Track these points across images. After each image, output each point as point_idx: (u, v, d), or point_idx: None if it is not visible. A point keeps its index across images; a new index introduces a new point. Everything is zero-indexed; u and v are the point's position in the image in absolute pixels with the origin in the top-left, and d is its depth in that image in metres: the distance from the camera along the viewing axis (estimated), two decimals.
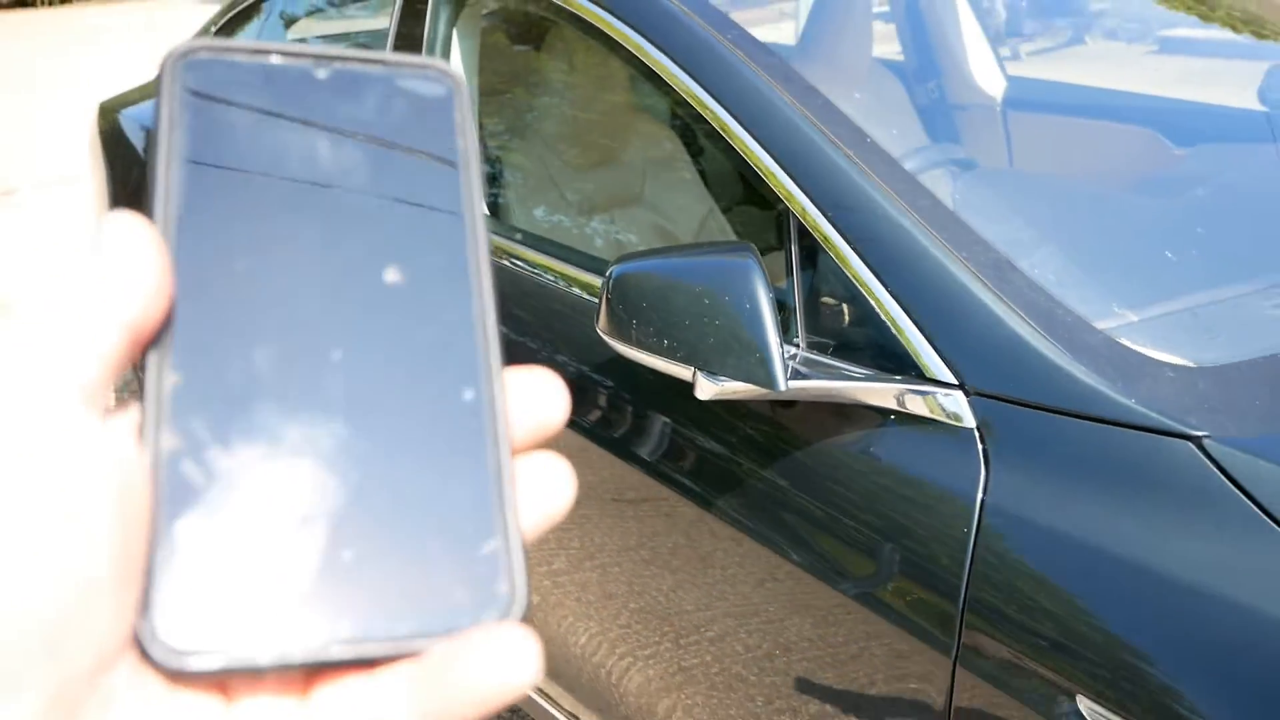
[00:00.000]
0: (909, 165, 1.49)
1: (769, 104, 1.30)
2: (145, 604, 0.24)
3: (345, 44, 2.42)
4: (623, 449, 1.41)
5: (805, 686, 1.25)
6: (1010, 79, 2.41)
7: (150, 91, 2.89)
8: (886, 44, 2.44)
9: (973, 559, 1.04)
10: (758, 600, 1.26)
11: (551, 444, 0.29)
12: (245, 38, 2.62)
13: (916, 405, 1.11)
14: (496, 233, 1.73)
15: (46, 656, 0.22)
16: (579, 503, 1.06)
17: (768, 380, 1.10)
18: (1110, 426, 1.01)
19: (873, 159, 1.23)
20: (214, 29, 2.73)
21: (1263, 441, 0.97)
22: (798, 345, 1.23)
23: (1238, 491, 0.94)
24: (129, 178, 2.75)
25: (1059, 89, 2.50)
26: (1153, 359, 1.07)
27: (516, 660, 0.25)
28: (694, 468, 1.33)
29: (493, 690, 0.25)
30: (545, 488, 0.29)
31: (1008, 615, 1.01)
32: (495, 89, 2.04)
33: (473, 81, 1.91)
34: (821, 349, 1.24)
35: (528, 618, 0.27)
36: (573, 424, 1.41)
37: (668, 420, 1.36)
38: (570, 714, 1.74)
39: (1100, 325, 1.11)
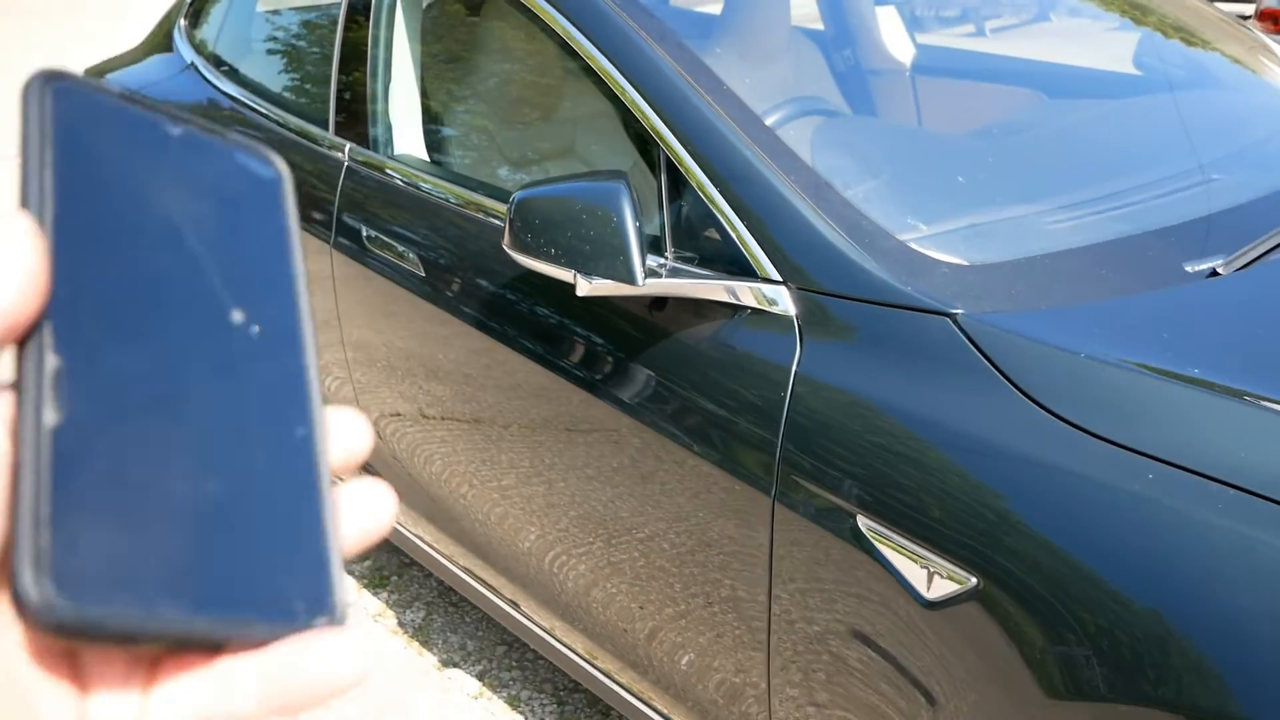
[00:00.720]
0: (781, 113, 1.76)
1: (646, 58, 1.56)
2: (20, 567, 0.25)
3: (305, 21, 2.64)
4: (567, 371, 1.67)
5: (670, 542, 1.51)
6: (919, 47, 2.67)
7: (128, 60, 3.12)
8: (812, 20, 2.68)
9: (786, 416, 1.31)
10: (661, 495, 1.53)
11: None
12: (215, 13, 2.84)
13: (748, 298, 1.37)
14: (435, 175, 1.98)
15: None
16: (531, 429, 1.36)
17: (629, 277, 1.36)
18: (893, 309, 1.28)
19: (727, 103, 1.49)
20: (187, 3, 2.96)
21: (1004, 318, 1.24)
22: (667, 257, 1.49)
23: (978, 353, 1.21)
24: None
25: (961, 56, 2.75)
26: (933, 259, 1.33)
27: (350, 659, 0.29)
28: (593, 365, 1.59)
29: (331, 684, 0.29)
30: (367, 510, 0.33)
31: (808, 459, 1.28)
32: (437, 52, 2.29)
33: (415, 45, 2.16)
34: (688, 260, 1.50)
35: (344, 621, 0.30)
36: (530, 354, 1.68)
37: (580, 330, 1.62)
38: (512, 601, 2.00)
39: (900, 235, 1.37)
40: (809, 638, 1.34)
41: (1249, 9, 5.60)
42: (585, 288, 1.41)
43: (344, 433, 0.34)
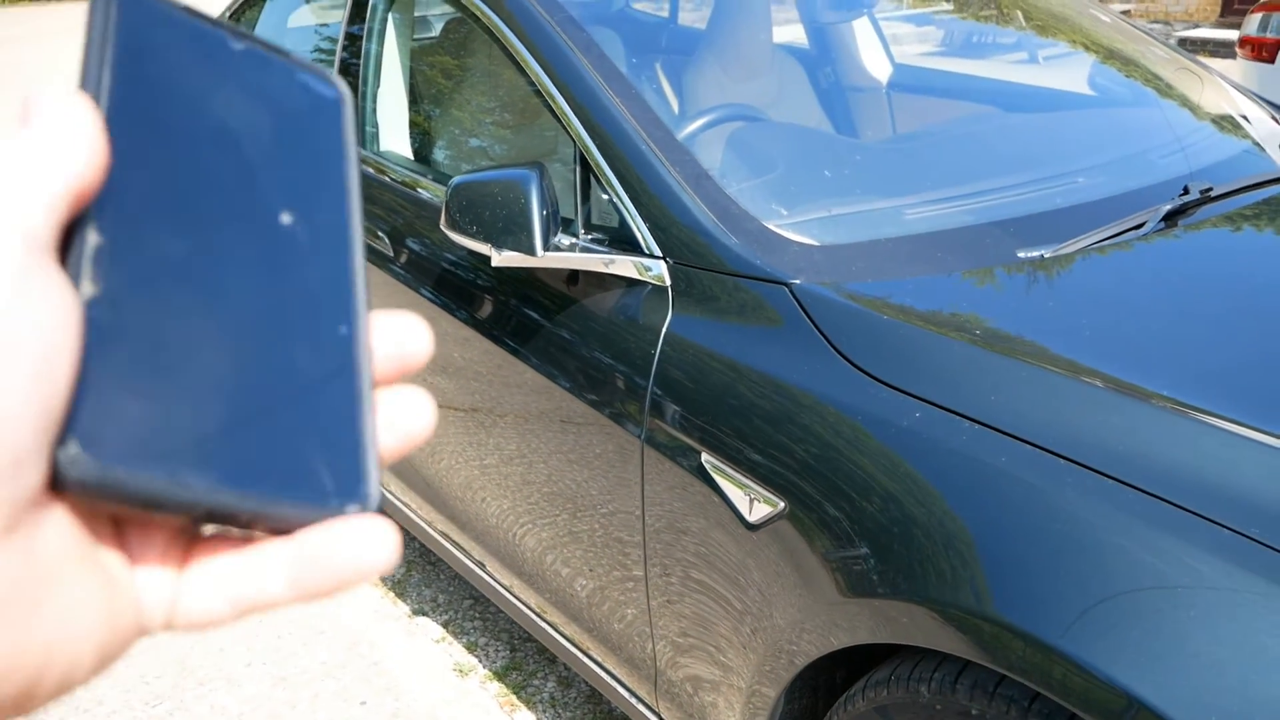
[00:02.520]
0: (709, 117, 1.99)
1: (571, 66, 1.80)
2: (62, 434, 0.25)
3: (321, 37, 2.93)
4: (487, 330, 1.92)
5: (561, 487, 1.74)
6: (897, 66, 2.87)
7: None
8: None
9: (654, 370, 1.53)
10: (576, 445, 1.76)
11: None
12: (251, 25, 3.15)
13: (628, 269, 1.61)
14: (410, 169, 2.24)
15: (8, 479, 0.24)
16: (525, 418, 1.58)
17: (530, 249, 1.60)
18: (745, 279, 1.50)
19: (632, 105, 1.73)
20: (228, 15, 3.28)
21: (834, 287, 1.45)
22: (579, 236, 1.73)
23: (805, 316, 1.42)
24: None
25: (933, 75, 2.94)
26: (788, 239, 1.55)
27: (380, 545, 0.29)
28: (523, 334, 1.83)
29: (359, 567, 0.29)
30: (408, 414, 0.33)
31: (670, 405, 1.50)
32: (421, 63, 2.56)
33: (404, 56, 2.43)
34: (599, 241, 1.73)
35: (375, 509, 0.30)
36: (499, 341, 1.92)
37: (516, 304, 1.86)
38: (479, 562, 2.24)
39: (764, 220, 1.59)
40: (670, 564, 1.56)
41: (1234, 35, 5.69)
42: (497, 259, 1.65)
43: (401, 336, 0.34)
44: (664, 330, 1.55)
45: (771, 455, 1.37)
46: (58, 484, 0.26)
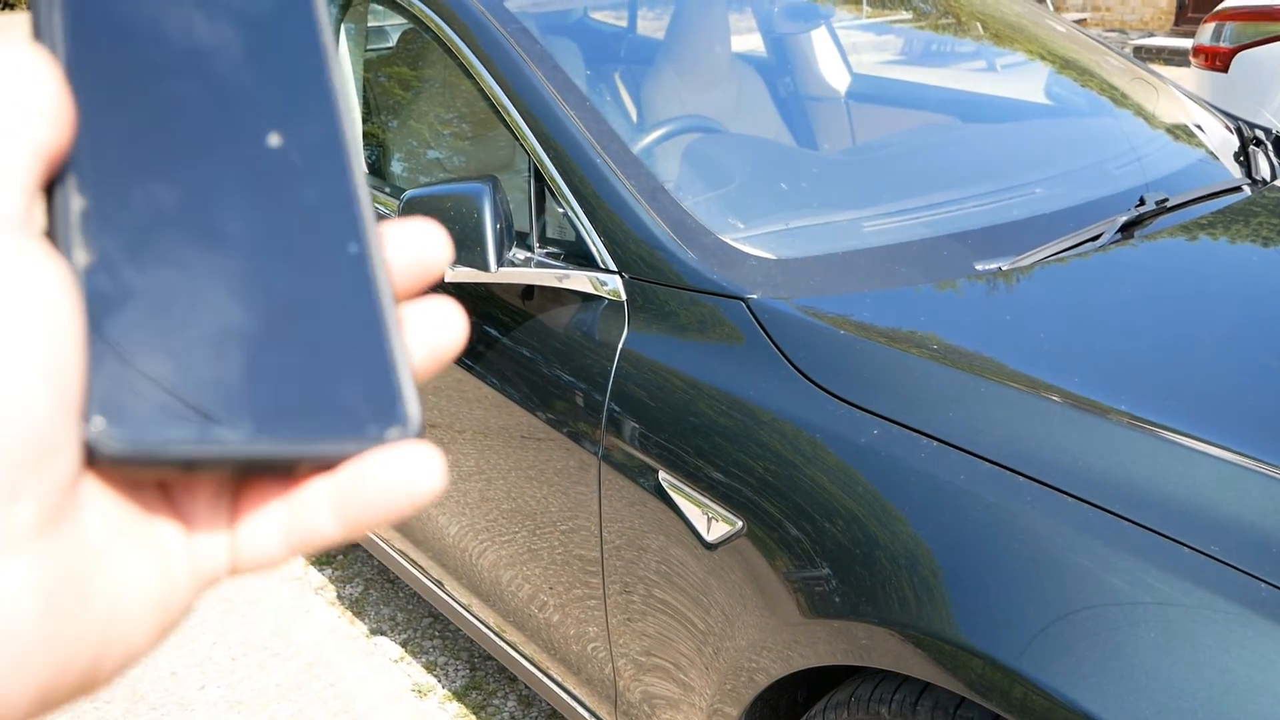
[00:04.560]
0: (665, 129, 1.97)
1: (524, 79, 1.77)
2: (85, 412, 0.25)
3: None
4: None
5: (530, 503, 1.71)
6: (855, 76, 2.87)
7: None
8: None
9: (611, 386, 1.51)
10: (535, 465, 1.73)
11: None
12: None
13: (583, 284, 1.58)
14: (372, 187, 2.20)
15: (37, 467, 0.23)
16: (483, 434, 1.55)
17: (484, 264, 1.57)
18: (702, 294, 1.48)
19: (586, 118, 1.70)
20: None
21: (792, 302, 1.43)
22: (534, 251, 1.70)
23: (761, 331, 1.40)
24: None
25: (892, 84, 2.95)
26: (745, 253, 1.53)
27: (425, 469, 0.28)
28: (481, 352, 1.80)
29: (405, 495, 0.28)
30: (437, 326, 0.31)
31: (627, 422, 1.48)
32: (383, 76, 2.52)
33: (358, 69, 2.40)
34: (554, 255, 1.70)
35: (420, 431, 0.29)
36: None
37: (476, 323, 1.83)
38: (437, 580, 2.20)
39: (721, 234, 1.57)
40: (629, 582, 1.54)
41: (1188, 43, 5.78)
42: (449, 274, 1.62)
43: (417, 243, 0.32)
44: (620, 346, 1.52)
45: (729, 473, 1.35)
46: (91, 461, 0.25)
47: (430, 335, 0.32)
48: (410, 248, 0.32)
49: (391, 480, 0.28)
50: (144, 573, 0.27)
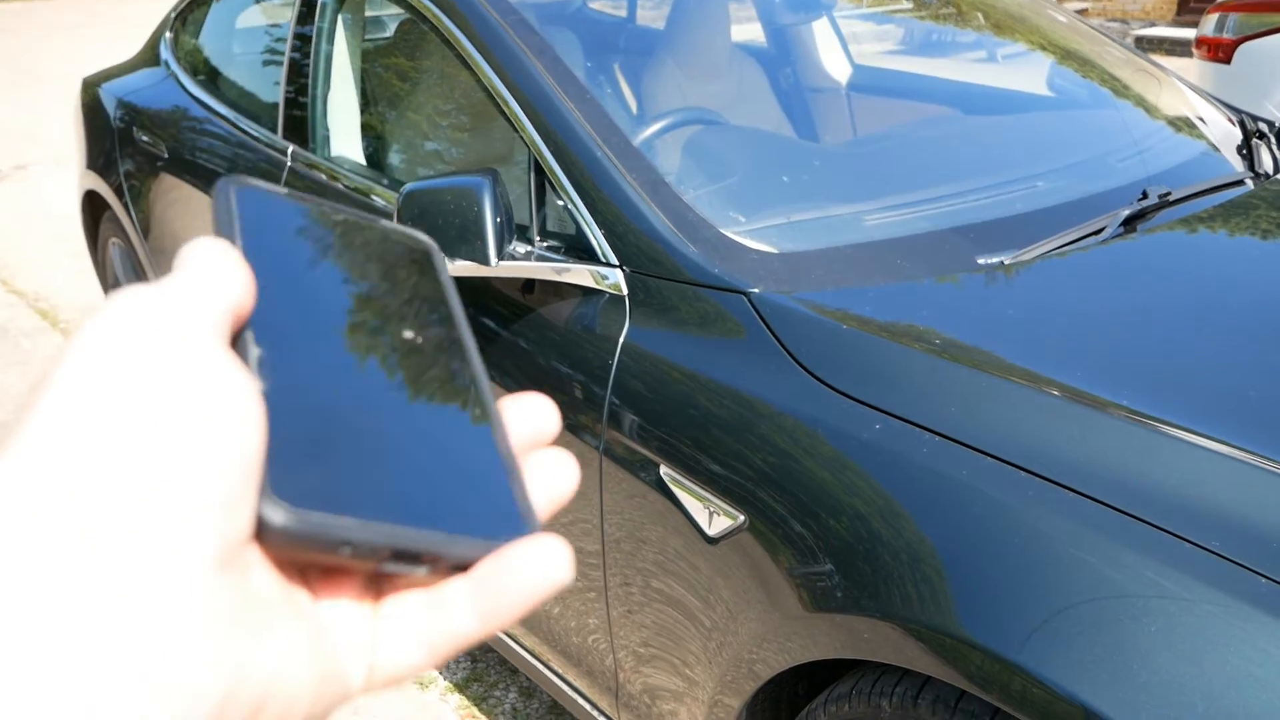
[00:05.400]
0: (666, 121, 1.96)
1: (524, 71, 1.77)
2: (263, 492, 0.28)
3: (271, 38, 2.88)
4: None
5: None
6: (856, 67, 2.86)
7: (125, 69, 3.38)
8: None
9: (612, 379, 1.51)
10: None
11: None
12: (198, 27, 3.09)
13: (584, 278, 1.58)
14: (360, 174, 2.20)
15: (224, 510, 0.27)
16: None
17: (484, 258, 1.57)
18: (703, 288, 1.48)
19: (587, 110, 1.70)
20: (174, 14, 3.22)
21: (794, 296, 1.43)
22: (534, 244, 1.70)
23: (763, 325, 1.40)
24: (104, 142, 3.24)
25: (893, 76, 2.94)
26: (747, 247, 1.53)
27: (557, 560, 0.31)
28: (477, 342, 1.79)
29: (542, 586, 0.31)
30: (554, 473, 0.36)
31: (628, 416, 1.48)
32: (371, 67, 2.51)
33: (355, 60, 2.39)
34: (555, 249, 1.70)
35: (538, 530, 0.33)
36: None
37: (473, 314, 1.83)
38: None
39: (722, 228, 1.57)
40: (630, 575, 1.54)
41: (1190, 33, 5.76)
42: (450, 268, 1.62)
43: (532, 415, 0.37)
44: (621, 340, 1.52)
45: (730, 467, 1.35)
46: (261, 534, 0.28)
47: (548, 480, 0.36)
48: (527, 419, 0.37)
49: (527, 572, 0.31)
50: (305, 647, 0.29)
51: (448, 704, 2.25)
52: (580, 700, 1.83)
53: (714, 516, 1.37)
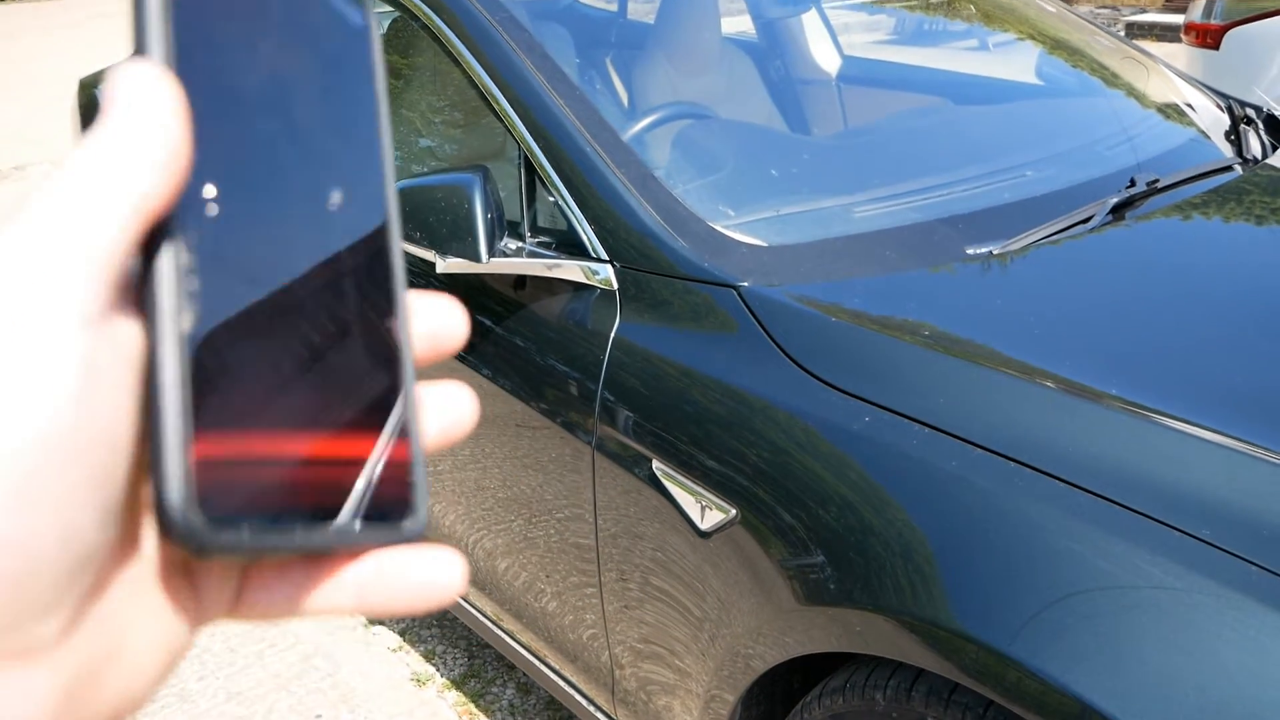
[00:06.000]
0: (656, 116, 1.96)
1: (513, 67, 1.77)
2: (159, 482, 0.25)
3: None
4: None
5: (527, 491, 1.71)
6: (846, 58, 2.86)
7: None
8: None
9: (604, 375, 1.51)
10: (530, 453, 1.73)
11: None
12: None
13: (575, 274, 1.58)
14: None
15: (70, 582, 0.23)
16: (479, 423, 1.53)
17: (475, 255, 1.57)
18: (693, 282, 1.48)
19: (576, 106, 1.70)
20: None
21: (783, 290, 1.43)
22: (524, 240, 1.69)
23: (753, 319, 1.40)
24: None
25: (882, 66, 2.93)
26: (736, 240, 1.53)
27: (450, 573, 0.30)
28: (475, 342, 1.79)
29: (430, 594, 0.30)
30: (450, 408, 0.33)
31: (620, 411, 1.48)
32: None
33: None
34: (545, 245, 1.70)
35: (424, 520, 0.30)
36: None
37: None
38: None
39: (711, 222, 1.57)
40: (625, 570, 1.54)
41: (1180, 19, 5.77)
42: (442, 265, 1.62)
43: (437, 317, 0.33)
44: (612, 335, 1.52)
45: (722, 461, 1.35)
46: (163, 535, 0.25)
47: (443, 416, 0.33)
48: (430, 320, 0.33)
49: (417, 580, 0.30)
50: (156, 644, 0.27)
51: (445, 700, 2.25)
52: (577, 696, 1.83)
53: (706, 511, 1.37)
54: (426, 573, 0.30)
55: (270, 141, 0.28)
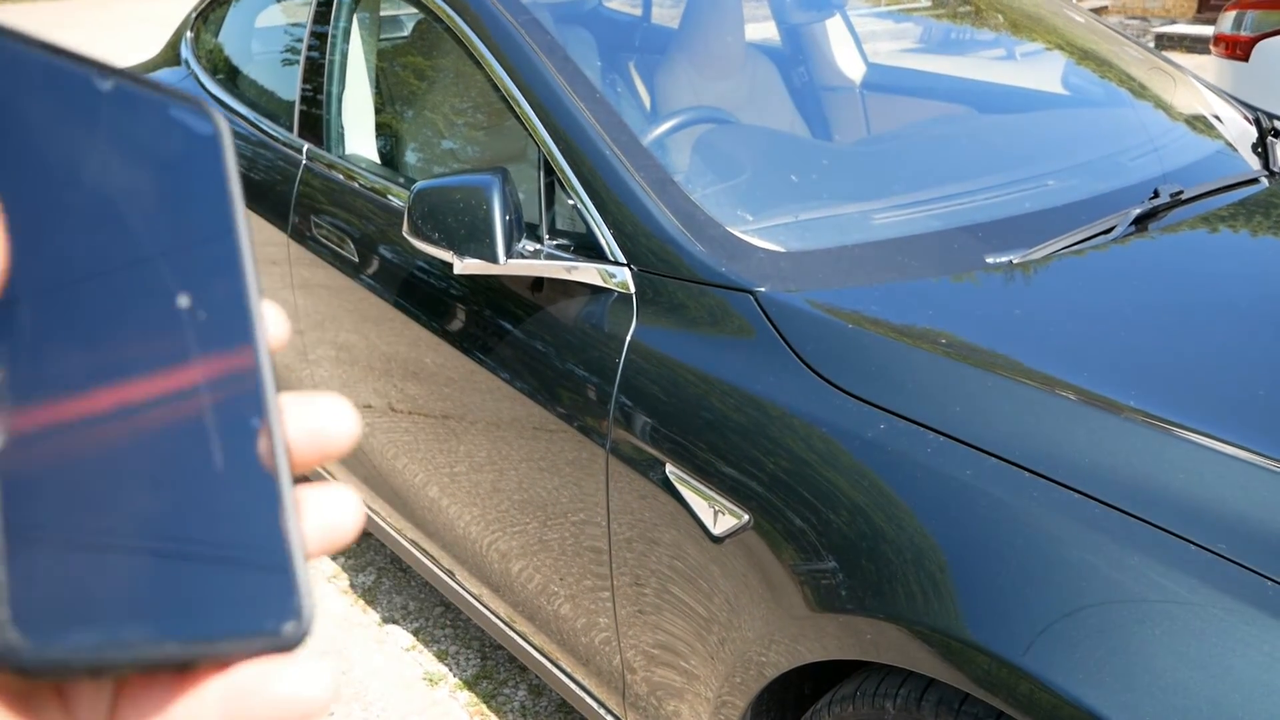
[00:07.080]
0: (676, 120, 1.96)
1: (534, 69, 1.77)
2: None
3: (290, 37, 2.89)
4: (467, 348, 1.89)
5: (539, 495, 1.71)
6: (870, 66, 2.85)
7: (146, 69, 3.40)
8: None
9: (619, 378, 1.51)
10: (545, 455, 1.73)
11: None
12: (218, 26, 3.11)
13: (592, 276, 1.58)
14: (374, 173, 2.21)
15: None
16: (495, 425, 1.54)
17: (493, 257, 1.57)
18: (710, 286, 1.47)
19: (596, 109, 1.70)
20: (194, 14, 3.23)
21: (800, 295, 1.42)
22: (542, 242, 1.70)
23: (769, 324, 1.40)
24: None
25: (907, 74, 2.92)
26: (754, 246, 1.53)
27: (316, 685, 0.28)
28: (487, 343, 1.80)
29: (294, 710, 0.28)
30: (333, 512, 0.32)
31: (634, 415, 1.48)
32: (386, 66, 2.52)
33: (370, 58, 2.40)
34: (564, 247, 1.70)
35: (311, 624, 0.29)
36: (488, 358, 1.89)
37: (484, 312, 1.83)
38: (448, 570, 2.21)
39: (730, 227, 1.56)
40: (639, 575, 1.54)
41: (1210, 30, 5.72)
42: (459, 266, 1.62)
43: (321, 419, 0.32)
44: (628, 339, 1.52)
45: (736, 467, 1.35)
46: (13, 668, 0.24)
47: (326, 520, 0.32)
48: (313, 419, 0.32)
49: (283, 694, 0.28)
50: None
51: (457, 700, 2.25)
52: (588, 699, 1.83)
53: (719, 516, 1.36)
54: (292, 686, 0.28)
55: (99, 255, 0.27)
